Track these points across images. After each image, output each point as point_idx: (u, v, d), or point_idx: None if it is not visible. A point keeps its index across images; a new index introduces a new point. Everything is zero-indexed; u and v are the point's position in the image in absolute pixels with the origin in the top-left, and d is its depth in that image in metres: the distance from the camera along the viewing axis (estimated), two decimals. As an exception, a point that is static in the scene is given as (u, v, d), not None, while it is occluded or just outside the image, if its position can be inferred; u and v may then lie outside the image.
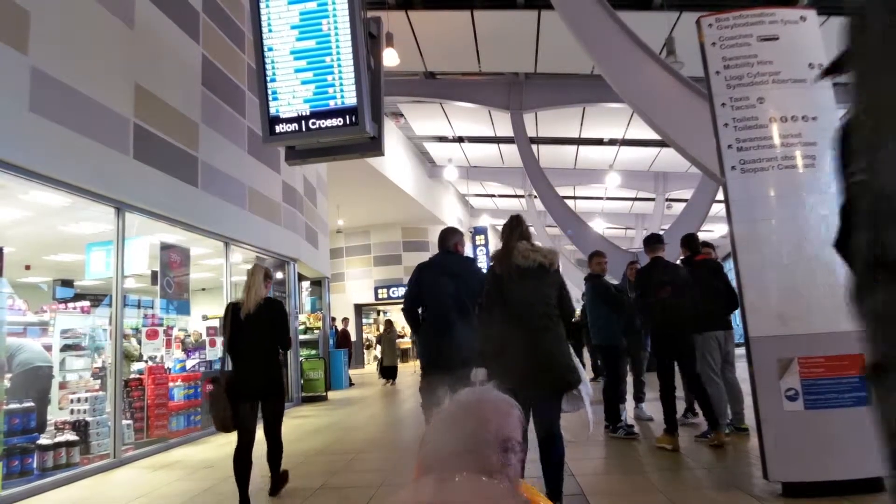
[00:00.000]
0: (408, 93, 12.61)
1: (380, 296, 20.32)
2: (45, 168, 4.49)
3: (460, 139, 16.48)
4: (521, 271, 2.68)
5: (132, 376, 5.93)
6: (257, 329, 3.54)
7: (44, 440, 4.66)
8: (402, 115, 14.87)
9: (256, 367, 3.55)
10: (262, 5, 5.02)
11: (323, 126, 4.91)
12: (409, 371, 15.46)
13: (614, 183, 17.43)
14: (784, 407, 2.95)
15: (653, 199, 19.21)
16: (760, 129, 3.16)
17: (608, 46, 5.51)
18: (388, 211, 18.36)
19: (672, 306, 4.32)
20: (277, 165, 8.87)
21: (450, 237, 3.42)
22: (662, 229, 16.44)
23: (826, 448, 2.90)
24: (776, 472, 2.96)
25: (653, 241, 4.76)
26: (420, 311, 3.34)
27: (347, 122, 4.89)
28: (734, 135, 3.19)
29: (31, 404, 4.64)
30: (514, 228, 2.84)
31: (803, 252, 3.08)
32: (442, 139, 16.91)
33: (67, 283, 10.30)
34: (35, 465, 4.49)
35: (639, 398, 5.67)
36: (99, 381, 6.30)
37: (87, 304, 7.42)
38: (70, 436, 4.84)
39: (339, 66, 4.94)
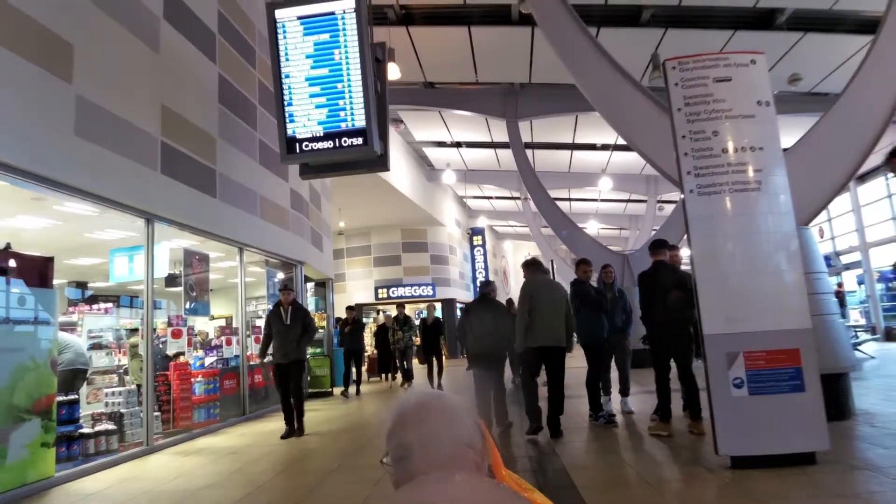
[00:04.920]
0: (408, 101, 13.11)
1: (380, 296, 20.84)
2: (88, 185, 5.02)
3: (458, 144, 17.02)
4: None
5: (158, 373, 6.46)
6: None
7: (86, 429, 5.20)
8: (401, 122, 15.39)
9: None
10: (280, 36, 5.56)
11: (335, 146, 5.45)
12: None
13: (607, 186, 17.99)
14: (732, 393, 3.51)
15: (645, 201, 19.80)
16: (715, 158, 3.71)
17: (588, 69, 6.08)
18: (388, 213, 18.87)
19: (677, 307, 4.70)
20: (286, 174, 9.40)
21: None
22: (654, 230, 17.01)
23: (766, 427, 3.46)
24: (725, 448, 3.53)
25: (656, 246, 5.19)
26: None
27: (357, 142, 5.43)
28: (693, 163, 3.74)
29: (76, 397, 5.18)
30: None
31: (752, 263, 3.63)
32: (440, 144, 17.44)
33: (81, 285, 10.85)
34: (79, 451, 5.03)
35: (624, 392, 6.20)
36: (120, 377, 6.85)
37: (110, 305, 7.98)
38: (108, 425, 5.38)
39: (350, 91, 5.48)
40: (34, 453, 4.34)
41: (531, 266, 5.54)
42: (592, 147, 16.17)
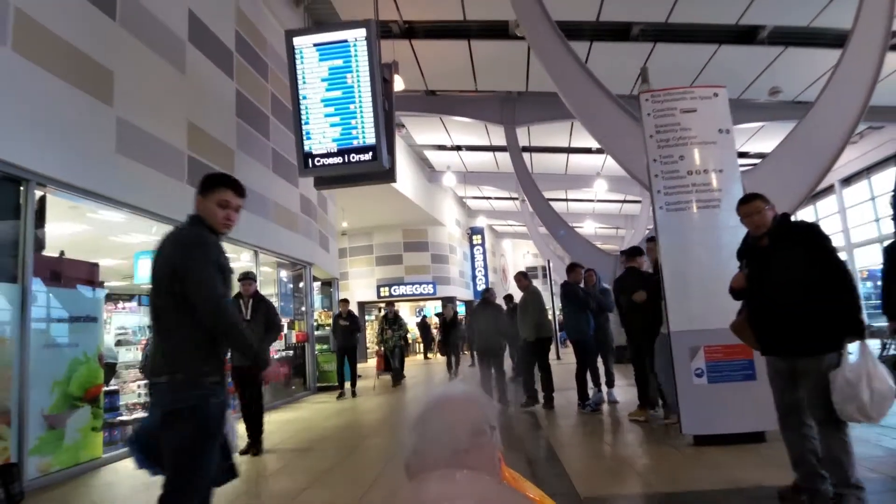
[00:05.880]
0: (409, 108, 13.65)
1: (382, 294, 21.43)
2: (127, 197, 5.60)
3: (458, 147, 17.58)
4: None
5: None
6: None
7: (125, 416, 5.79)
8: (403, 126, 15.93)
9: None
10: (298, 61, 6.13)
11: (348, 161, 6.03)
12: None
13: (602, 188, 18.56)
14: (693, 381, 4.10)
15: (640, 202, 20.36)
16: (681, 178, 4.29)
17: (570, 83, 6.66)
18: (390, 213, 19.43)
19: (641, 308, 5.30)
20: (296, 180, 9.96)
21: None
22: (648, 229, 17.59)
23: (723, 410, 4.05)
24: (688, 428, 4.12)
25: (629, 253, 5.82)
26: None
27: (368, 157, 6.01)
28: (662, 183, 4.32)
29: (117, 387, 5.76)
30: None
31: (712, 269, 4.20)
32: (441, 147, 18.00)
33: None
34: (119, 436, 5.62)
35: (610, 384, 6.80)
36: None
37: (134, 304, 8.54)
38: (144, 414, 5.96)
39: (361, 111, 6.06)
40: (85, 436, 4.93)
41: (526, 277, 7.13)
42: (588, 151, 16.72)
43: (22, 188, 4.53)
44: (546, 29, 6.89)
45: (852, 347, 2.71)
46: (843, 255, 17.34)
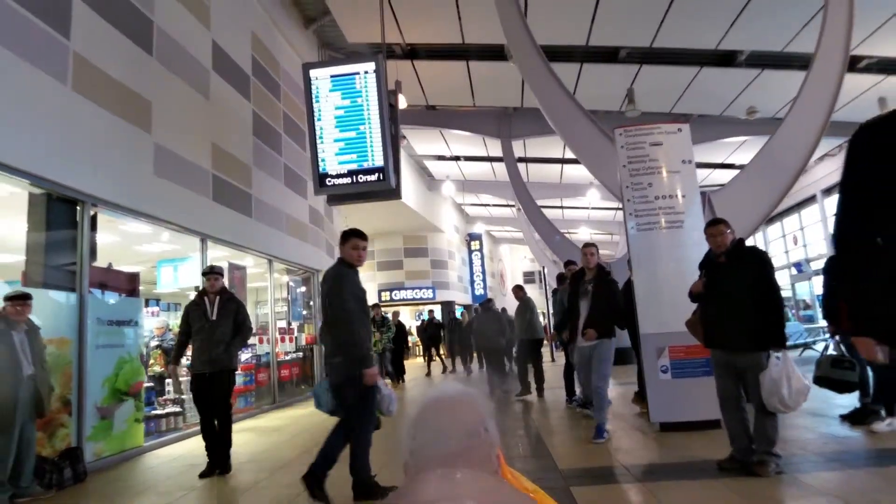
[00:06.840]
0: (411, 122, 14.37)
1: (383, 298, 22.08)
2: (163, 214, 6.28)
3: (457, 158, 18.30)
4: None
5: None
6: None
7: (159, 410, 6.45)
8: (404, 137, 16.59)
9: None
10: (313, 91, 6.82)
11: (358, 181, 6.72)
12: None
13: (596, 196, 19.28)
14: (659, 377, 4.79)
15: (632, 210, 21.06)
16: (649, 203, 4.99)
17: (551, 100, 7.37)
18: (391, 221, 20.10)
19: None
20: (305, 192, 10.64)
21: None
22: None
23: (684, 401, 4.73)
24: (656, 416, 4.81)
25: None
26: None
27: (377, 178, 6.69)
28: (633, 206, 5.02)
29: (153, 384, 6.42)
30: None
31: (677, 280, 4.89)
32: (440, 157, 18.71)
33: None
34: (154, 428, 6.29)
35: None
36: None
37: (157, 308, 9.21)
38: (175, 408, 6.63)
39: (371, 136, 6.75)
40: (130, 427, 5.59)
41: (522, 289, 8.40)
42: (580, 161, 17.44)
43: (79, 208, 5.21)
44: (531, 51, 7.59)
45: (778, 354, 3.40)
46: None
